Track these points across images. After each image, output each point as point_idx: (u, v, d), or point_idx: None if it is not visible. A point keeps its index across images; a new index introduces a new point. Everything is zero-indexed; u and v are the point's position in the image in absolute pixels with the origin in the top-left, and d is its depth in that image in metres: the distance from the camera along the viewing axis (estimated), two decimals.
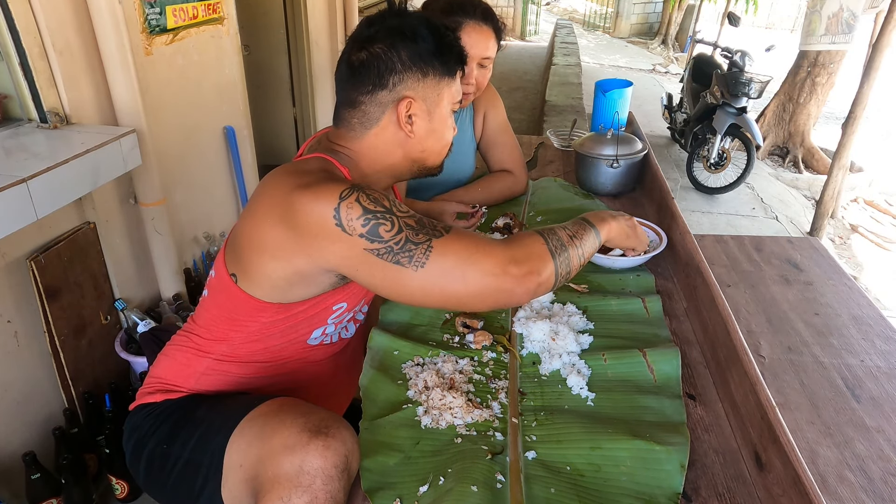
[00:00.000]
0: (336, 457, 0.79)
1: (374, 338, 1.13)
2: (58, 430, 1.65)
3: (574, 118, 2.79)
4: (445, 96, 1.02)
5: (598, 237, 1.04)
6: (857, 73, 3.81)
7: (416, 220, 0.88)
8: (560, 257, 0.93)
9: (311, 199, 0.85)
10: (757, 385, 0.89)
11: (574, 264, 0.96)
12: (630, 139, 1.82)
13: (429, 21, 1.01)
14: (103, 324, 1.87)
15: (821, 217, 3.98)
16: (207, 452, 0.91)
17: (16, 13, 1.50)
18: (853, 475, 1.05)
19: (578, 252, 0.97)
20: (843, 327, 1.46)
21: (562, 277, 0.94)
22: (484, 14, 1.50)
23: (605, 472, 0.86)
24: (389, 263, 0.85)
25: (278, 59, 3.82)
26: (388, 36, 0.96)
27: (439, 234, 0.87)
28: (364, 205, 0.85)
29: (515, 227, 1.58)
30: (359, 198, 0.85)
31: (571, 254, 0.96)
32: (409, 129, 1.00)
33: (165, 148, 2.05)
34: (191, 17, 2.12)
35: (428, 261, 0.85)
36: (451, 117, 1.06)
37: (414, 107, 0.98)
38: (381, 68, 0.96)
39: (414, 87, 0.98)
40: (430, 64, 0.98)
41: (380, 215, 0.85)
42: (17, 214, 1.33)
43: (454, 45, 1.02)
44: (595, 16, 14.15)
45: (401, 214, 0.87)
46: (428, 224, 0.88)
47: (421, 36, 0.97)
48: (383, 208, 0.86)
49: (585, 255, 0.99)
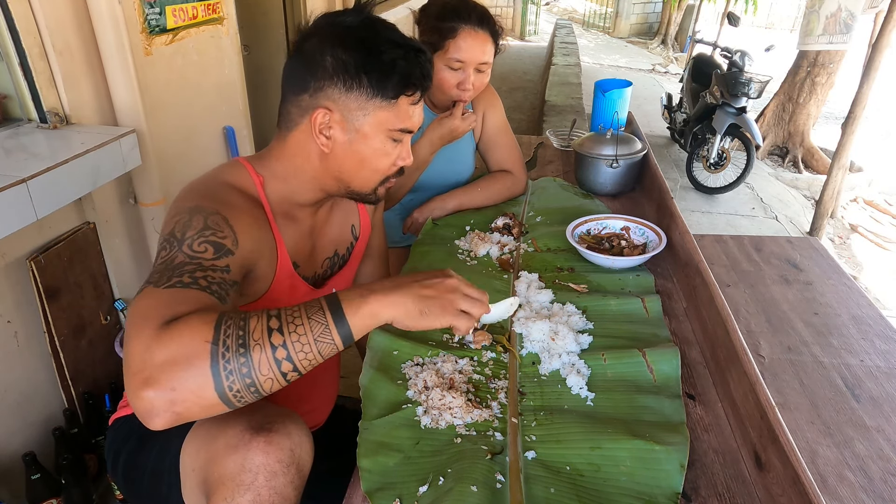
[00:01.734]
0: (279, 451, 0.76)
1: (374, 338, 1.13)
2: (58, 430, 1.65)
3: (573, 118, 2.79)
4: (378, 119, 0.91)
5: (342, 328, 0.71)
6: (857, 73, 3.81)
7: (179, 263, 0.75)
8: (229, 365, 0.64)
9: (170, 210, 0.86)
10: (756, 385, 0.89)
11: (262, 375, 0.66)
12: (629, 139, 1.82)
13: (377, 30, 0.90)
14: (103, 324, 1.87)
15: (820, 217, 3.98)
16: (167, 460, 0.91)
17: (16, 13, 1.50)
18: (853, 475, 1.05)
19: (273, 356, 0.67)
20: (843, 327, 1.46)
21: (234, 397, 0.66)
22: (480, 19, 1.47)
23: (605, 472, 0.86)
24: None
25: (278, 59, 3.82)
26: (323, 36, 0.89)
27: (158, 285, 0.72)
28: (175, 227, 0.80)
29: (515, 227, 1.58)
30: (179, 220, 0.81)
31: (254, 359, 0.65)
32: (324, 143, 0.91)
33: (165, 148, 2.05)
34: (190, 18, 2.12)
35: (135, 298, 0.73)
36: (394, 144, 0.94)
37: (332, 119, 0.90)
38: (305, 69, 0.90)
39: (334, 98, 0.89)
40: (356, 77, 0.88)
41: (172, 240, 0.79)
42: (16, 214, 1.33)
43: (397, 65, 0.88)
44: (595, 16, 14.15)
45: (187, 250, 0.76)
46: (175, 272, 0.73)
47: (355, 44, 0.88)
48: (179, 237, 0.78)
49: (299, 357, 0.68)
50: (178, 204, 0.86)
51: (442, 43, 1.47)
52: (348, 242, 1.18)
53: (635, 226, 1.52)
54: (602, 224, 1.54)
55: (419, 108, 0.96)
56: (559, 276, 1.38)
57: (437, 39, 1.47)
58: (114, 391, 1.83)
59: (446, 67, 1.50)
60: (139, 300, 0.71)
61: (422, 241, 1.52)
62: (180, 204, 0.86)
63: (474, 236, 1.53)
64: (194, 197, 0.86)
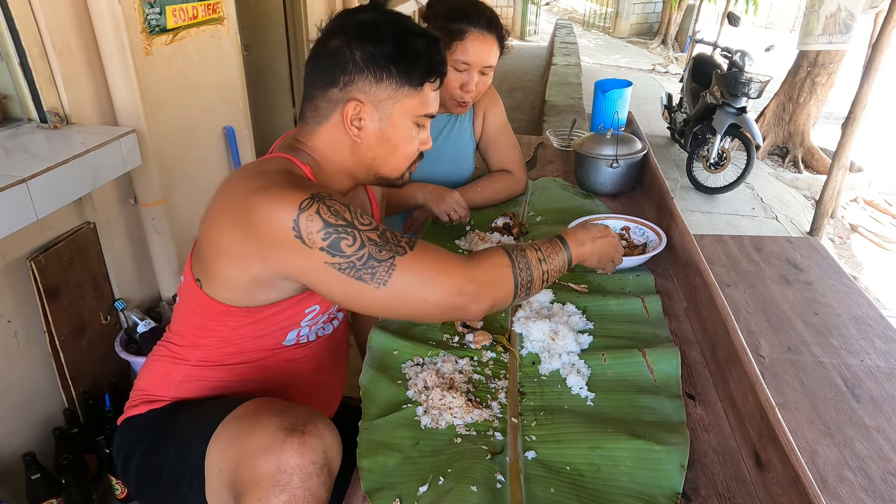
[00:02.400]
0: (313, 453, 0.78)
1: (374, 338, 1.13)
2: (58, 430, 1.65)
3: (574, 118, 2.79)
4: (406, 107, 0.96)
5: (569, 258, 1.02)
6: (857, 73, 3.81)
7: (379, 233, 0.85)
8: (522, 279, 0.93)
9: (269, 205, 0.82)
10: (756, 385, 0.89)
11: (536, 287, 0.97)
12: (629, 139, 1.82)
13: (398, 23, 0.94)
14: (103, 324, 1.87)
15: (820, 217, 3.98)
16: (189, 461, 0.91)
17: (16, 13, 1.50)
18: (853, 475, 1.05)
19: (543, 274, 0.97)
20: (843, 327, 1.46)
21: (520, 298, 0.95)
22: (488, 22, 1.48)
23: (605, 472, 0.87)
24: (350, 278, 0.83)
25: (278, 59, 3.82)
26: (349, 32, 0.92)
27: (402, 252, 0.85)
28: (325, 217, 0.82)
29: (515, 227, 1.58)
30: (319, 209, 0.82)
31: (535, 276, 0.95)
32: (356, 133, 0.95)
33: (165, 148, 2.05)
34: (191, 18, 2.12)
35: (390, 279, 0.84)
36: (418, 130, 1.00)
37: (363, 111, 0.93)
38: (333, 65, 0.92)
39: (365, 90, 0.93)
40: (386, 69, 0.92)
41: (341, 229, 0.82)
42: (17, 214, 1.33)
43: (421, 54, 0.94)
44: (595, 16, 14.15)
45: (363, 228, 0.84)
46: (392, 239, 0.86)
47: (381, 38, 0.92)
48: (345, 221, 0.83)
49: (551, 276, 0.99)
50: (272, 198, 0.82)
51: (449, 44, 1.47)
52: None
53: (635, 226, 1.52)
54: (602, 224, 1.54)
55: (438, 92, 1.01)
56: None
57: (445, 40, 1.47)
58: (114, 391, 1.83)
59: (451, 68, 1.50)
60: (409, 266, 0.84)
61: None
62: (279, 197, 0.82)
63: (474, 236, 1.53)
64: (291, 186, 0.84)
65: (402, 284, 0.84)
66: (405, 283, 0.84)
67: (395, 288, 0.84)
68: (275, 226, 0.81)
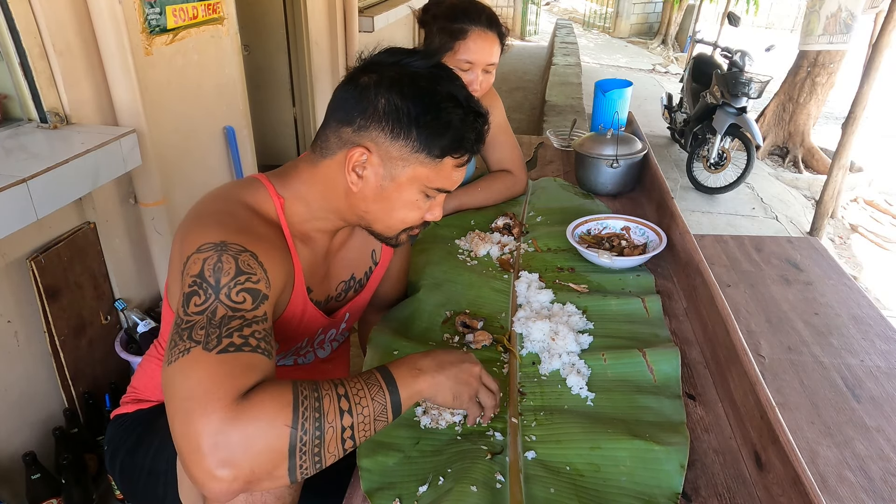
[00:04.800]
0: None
1: (374, 338, 1.13)
2: (58, 430, 1.65)
3: (574, 118, 2.79)
4: (417, 174, 0.85)
5: (395, 402, 0.75)
6: (857, 73, 3.81)
7: (226, 317, 0.70)
8: (305, 442, 0.66)
9: (188, 231, 0.79)
10: (757, 385, 0.89)
11: (328, 455, 0.68)
12: (630, 139, 1.82)
13: (441, 84, 0.84)
14: (103, 324, 1.87)
15: (821, 217, 3.98)
16: (164, 460, 0.92)
17: (16, 13, 1.50)
18: (853, 475, 1.05)
19: (343, 432, 0.69)
20: (843, 327, 1.46)
21: (300, 473, 0.67)
22: (489, 20, 1.50)
23: (605, 472, 0.87)
24: (171, 333, 0.71)
25: (278, 59, 3.82)
26: (384, 74, 0.84)
27: (209, 348, 0.67)
28: (204, 267, 0.74)
29: (515, 227, 1.58)
30: (207, 258, 0.74)
31: (327, 437, 0.68)
32: (354, 181, 0.86)
33: (165, 148, 2.05)
34: (191, 17, 2.12)
35: (174, 362, 0.68)
36: (426, 199, 0.90)
37: (369, 160, 0.85)
38: (355, 102, 0.84)
39: (378, 140, 0.84)
40: (406, 129, 0.82)
41: (206, 286, 0.72)
42: (17, 214, 1.33)
43: (452, 127, 0.83)
44: (595, 16, 14.14)
45: (225, 301, 0.72)
46: (223, 331, 0.69)
47: (415, 94, 0.82)
48: (214, 282, 0.73)
49: (360, 433, 0.71)
50: (198, 230, 0.79)
51: (451, 44, 1.48)
52: (367, 267, 1.12)
53: (635, 226, 1.52)
54: (602, 224, 1.54)
55: (463, 170, 0.90)
56: (559, 276, 1.38)
57: (447, 40, 1.48)
58: (114, 391, 1.83)
59: (455, 68, 1.50)
60: (192, 366, 0.66)
61: (422, 241, 1.52)
62: (201, 231, 0.79)
63: (474, 236, 1.53)
64: (216, 226, 0.80)
65: (173, 377, 0.67)
66: (173, 378, 0.67)
67: (169, 375, 0.67)
68: (178, 252, 0.79)
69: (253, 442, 0.63)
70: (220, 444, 0.62)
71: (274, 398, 0.66)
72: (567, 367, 1.07)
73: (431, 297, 1.27)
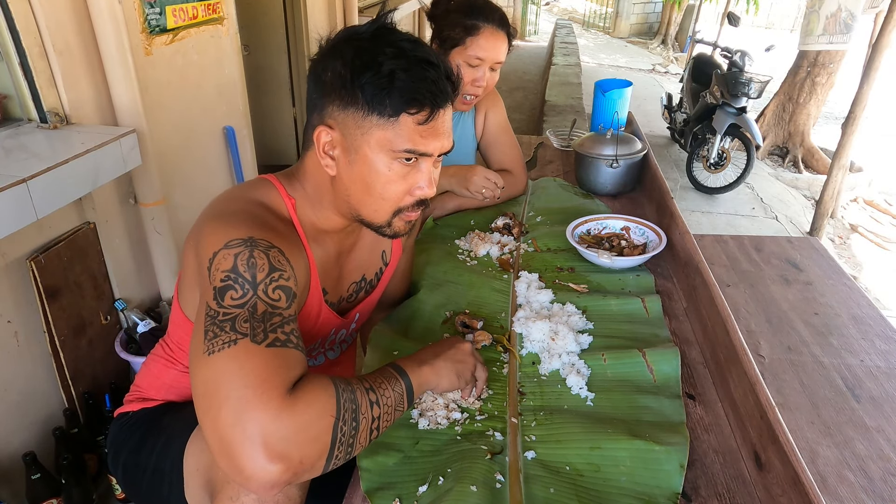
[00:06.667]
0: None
1: (375, 338, 1.13)
2: (58, 430, 1.65)
3: (574, 118, 2.79)
4: (377, 139, 0.81)
5: (409, 388, 0.82)
6: (857, 73, 3.81)
7: (267, 312, 0.71)
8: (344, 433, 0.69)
9: (210, 232, 0.78)
10: (756, 385, 0.89)
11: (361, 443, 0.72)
12: (629, 139, 1.82)
13: (381, 39, 0.80)
14: (103, 324, 1.86)
15: (820, 217, 3.98)
16: (169, 460, 0.92)
17: (16, 13, 1.50)
18: (853, 475, 1.05)
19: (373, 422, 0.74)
20: (843, 327, 1.46)
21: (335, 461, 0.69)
22: (501, 20, 1.53)
23: (605, 472, 0.86)
24: (201, 325, 0.70)
25: (278, 59, 3.82)
26: (331, 48, 0.82)
27: (256, 341, 0.68)
28: (238, 262, 0.73)
29: (515, 227, 1.58)
30: (240, 253, 0.74)
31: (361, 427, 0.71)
32: (328, 164, 0.84)
33: (165, 148, 2.05)
34: (191, 17, 2.12)
35: (217, 353, 0.67)
36: (405, 168, 0.83)
37: (334, 139, 0.82)
38: (312, 85, 0.84)
39: (335, 116, 0.82)
40: (352, 93, 0.79)
41: (241, 280, 0.72)
42: (17, 214, 1.33)
43: (396, 78, 0.78)
44: (595, 16, 14.15)
45: (262, 297, 0.72)
46: (268, 326, 0.70)
47: (353, 55, 0.79)
48: (251, 277, 0.72)
49: (384, 421, 0.76)
50: (221, 228, 0.78)
51: (463, 39, 1.51)
52: (377, 268, 1.12)
53: (635, 226, 1.52)
54: (602, 224, 1.55)
55: (433, 127, 0.83)
56: (559, 276, 1.38)
57: (460, 35, 1.51)
58: (114, 391, 1.83)
59: (465, 64, 1.54)
60: (243, 356, 0.66)
61: (422, 241, 1.51)
62: (224, 229, 0.77)
63: (474, 236, 1.53)
64: (240, 223, 0.78)
65: (219, 367, 0.66)
66: (220, 368, 0.66)
67: (213, 365, 0.66)
68: (204, 251, 0.77)
69: (305, 433, 0.65)
70: (275, 434, 0.63)
71: (321, 390, 0.68)
72: (567, 367, 1.07)
73: (431, 298, 1.27)
